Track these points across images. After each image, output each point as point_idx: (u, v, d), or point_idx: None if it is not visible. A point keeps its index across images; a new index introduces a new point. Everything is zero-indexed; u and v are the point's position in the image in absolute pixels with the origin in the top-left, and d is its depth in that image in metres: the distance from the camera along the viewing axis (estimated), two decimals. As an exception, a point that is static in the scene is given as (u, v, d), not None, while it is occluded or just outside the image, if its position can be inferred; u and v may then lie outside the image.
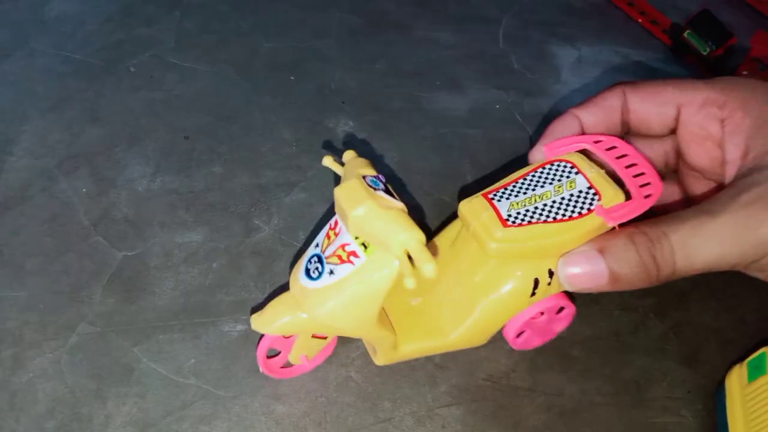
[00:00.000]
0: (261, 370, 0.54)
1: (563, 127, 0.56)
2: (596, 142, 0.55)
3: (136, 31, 0.84)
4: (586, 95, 0.60)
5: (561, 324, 0.61)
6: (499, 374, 0.58)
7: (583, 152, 0.56)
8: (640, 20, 0.96)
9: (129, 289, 0.59)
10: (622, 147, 0.54)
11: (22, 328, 0.56)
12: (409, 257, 0.44)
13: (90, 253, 0.61)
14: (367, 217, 0.44)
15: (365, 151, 0.73)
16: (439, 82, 0.83)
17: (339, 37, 0.88)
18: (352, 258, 0.46)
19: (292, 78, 0.81)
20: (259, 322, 0.51)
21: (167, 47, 0.82)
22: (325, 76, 0.82)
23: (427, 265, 0.42)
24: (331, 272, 0.47)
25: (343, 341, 0.58)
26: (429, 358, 0.58)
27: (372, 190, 0.46)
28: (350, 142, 0.74)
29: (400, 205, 0.46)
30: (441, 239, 0.60)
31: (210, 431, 0.51)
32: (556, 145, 0.56)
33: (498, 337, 0.60)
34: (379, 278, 0.46)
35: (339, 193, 0.46)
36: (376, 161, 0.71)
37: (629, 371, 0.59)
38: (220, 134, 0.73)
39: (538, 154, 0.56)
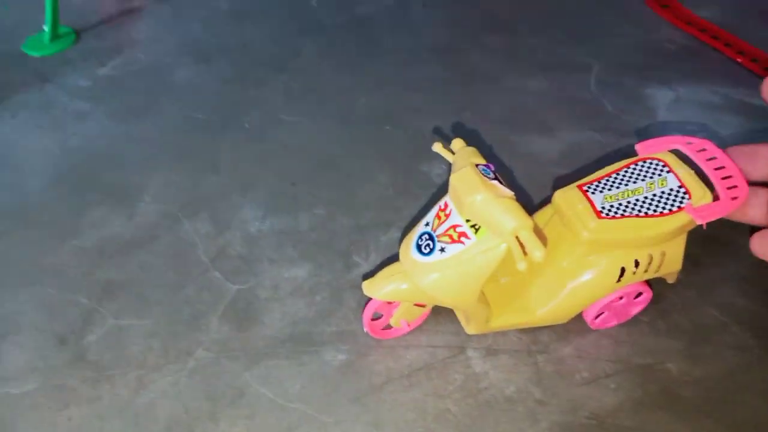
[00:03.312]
0: (365, 329, 0.60)
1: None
2: (688, 143, 0.58)
3: (248, 92, 0.93)
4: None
5: (637, 308, 0.62)
6: (603, 413, 0.56)
7: (675, 152, 0.58)
8: (739, 60, 0.94)
9: (241, 319, 0.63)
10: (712, 150, 0.57)
11: (145, 352, 0.61)
12: (520, 243, 0.47)
13: (207, 286, 0.67)
14: (483, 204, 0.48)
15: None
16: (529, 127, 0.85)
17: (431, 90, 0.92)
18: (462, 239, 0.51)
19: (388, 128, 0.86)
20: (370, 287, 0.56)
21: (276, 105, 0.90)
22: (418, 125, 0.86)
23: (536, 251, 0.46)
24: (443, 250, 0.51)
25: (439, 370, 0.58)
26: (529, 393, 0.57)
27: (485, 178, 0.49)
28: (445, 185, 0.77)
29: (510, 193, 0.50)
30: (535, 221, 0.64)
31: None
32: (649, 144, 0.59)
33: (601, 376, 0.59)
34: (486, 259, 0.50)
35: (455, 179, 0.50)
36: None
37: (743, 413, 0.55)
38: (323, 180, 0.79)
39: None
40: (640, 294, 0.60)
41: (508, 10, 1.09)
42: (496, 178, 0.50)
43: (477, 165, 0.51)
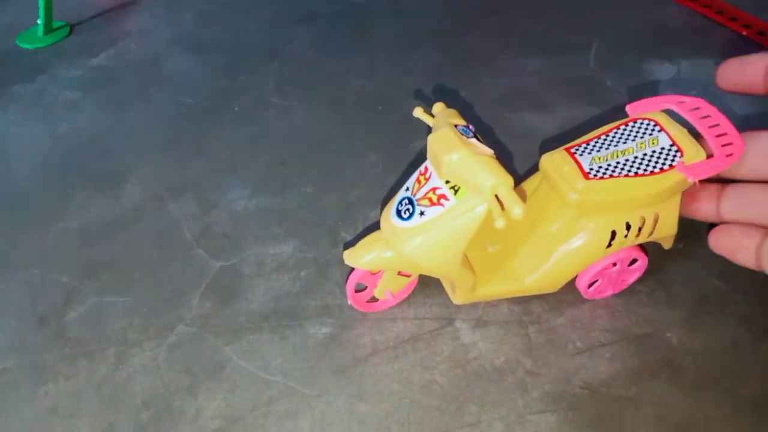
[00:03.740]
0: (349, 302, 0.58)
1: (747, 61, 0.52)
2: (680, 102, 0.55)
3: (239, 78, 0.92)
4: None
5: (633, 275, 0.60)
6: (597, 383, 0.53)
7: (667, 112, 0.56)
8: (744, 33, 0.92)
9: (224, 295, 0.62)
10: (706, 108, 0.54)
11: (126, 329, 0.60)
12: (498, 200, 0.46)
13: (191, 264, 0.65)
14: (460, 162, 0.46)
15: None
16: (525, 105, 0.83)
17: (425, 73, 0.91)
18: (442, 201, 0.49)
19: (381, 108, 0.84)
20: (351, 256, 0.54)
21: (267, 90, 0.89)
22: (410, 106, 0.84)
23: (516, 208, 0.44)
24: (422, 213, 0.50)
25: (426, 341, 0.56)
26: (519, 363, 0.55)
27: (463, 137, 0.48)
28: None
29: (489, 151, 0.48)
30: (520, 192, 0.60)
31: (294, 427, 0.51)
32: (640, 105, 0.57)
33: (596, 345, 0.56)
34: (466, 219, 0.48)
35: (433, 140, 0.48)
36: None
37: (748, 386, 0.52)
38: (312, 160, 0.77)
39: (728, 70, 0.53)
40: (635, 261, 0.58)
41: (504, -6, 1.08)
42: (475, 137, 0.49)
43: (456, 126, 0.49)
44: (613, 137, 0.54)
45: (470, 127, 0.50)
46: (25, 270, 0.65)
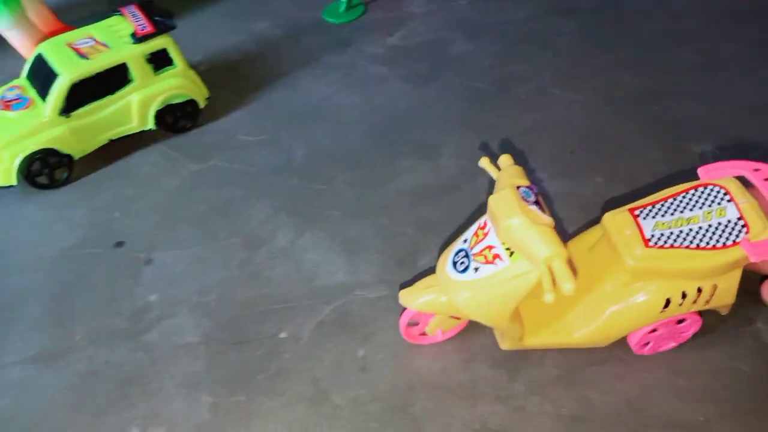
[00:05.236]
0: (401, 334, 0.65)
1: None
2: (756, 170, 0.54)
3: (518, 67, 1.04)
4: None
5: (689, 330, 0.61)
6: None
7: (740, 179, 0.55)
8: None
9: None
10: None
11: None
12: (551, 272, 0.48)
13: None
14: (518, 229, 0.49)
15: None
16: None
17: (685, 73, 0.98)
18: (496, 260, 0.52)
19: (656, 108, 0.93)
20: (406, 297, 0.60)
21: (546, 80, 1.01)
22: (678, 107, 0.93)
23: (567, 284, 0.46)
24: (476, 269, 0.53)
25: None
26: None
27: (524, 202, 0.50)
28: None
29: (548, 220, 0.50)
30: (580, 242, 0.63)
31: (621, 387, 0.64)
32: (712, 168, 0.56)
33: None
34: (517, 284, 0.51)
35: (493, 201, 0.51)
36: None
37: None
38: (596, 151, 0.88)
39: None
40: (682, 320, 0.58)
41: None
42: (537, 202, 0.50)
43: (519, 187, 0.51)
44: (681, 202, 0.54)
45: (533, 188, 0.52)
46: (376, 220, 0.83)
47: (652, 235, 0.52)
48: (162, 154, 0.93)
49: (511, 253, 0.50)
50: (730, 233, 0.50)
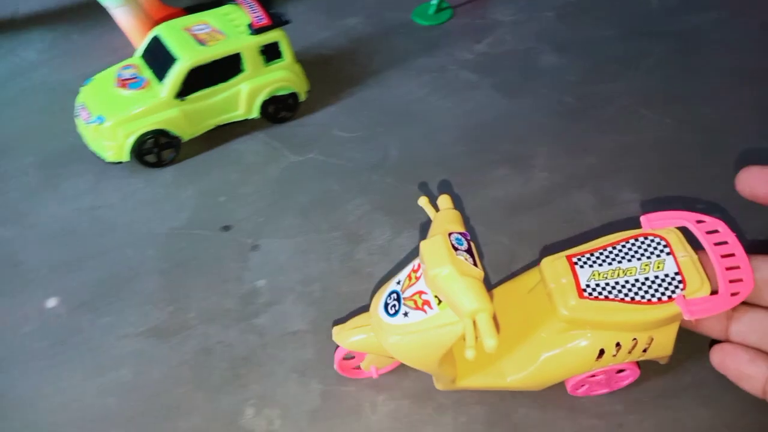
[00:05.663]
0: (335, 368, 0.64)
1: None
2: (699, 221, 0.52)
3: (607, 85, 1.06)
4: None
5: (626, 380, 0.61)
6: None
7: (682, 229, 0.53)
8: None
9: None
10: (725, 234, 0.50)
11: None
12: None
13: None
14: (445, 279, 0.47)
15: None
16: None
17: (762, 110, 0.99)
18: (425, 307, 0.50)
19: (736, 140, 0.96)
20: (339, 336, 0.58)
21: (634, 101, 1.03)
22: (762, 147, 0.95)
23: (489, 340, 0.43)
24: (406, 314, 0.51)
25: None
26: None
27: (455, 250, 0.48)
28: None
29: (477, 271, 0.48)
30: (521, 282, 0.62)
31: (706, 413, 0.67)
32: (655, 217, 0.54)
33: None
34: (444, 333, 0.49)
35: (424, 247, 0.49)
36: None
37: None
38: (685, 176, 0.91)
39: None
40: (622, 370, 0.58)
41: None
42: (468, 250, 0.50)
43: (451, 233, 0.50)
44: (620, 251, 0.53)
45: (466, 235, 0.51)
46: (472, 226, 0.86)
47: (587, 285, 0.50)
48: (263, 142, 0.96)
49: (440, 301, 0.50)
50: (666, 288, 0.48)
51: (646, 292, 0.49)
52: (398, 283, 0.54)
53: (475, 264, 0.49)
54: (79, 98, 0.89)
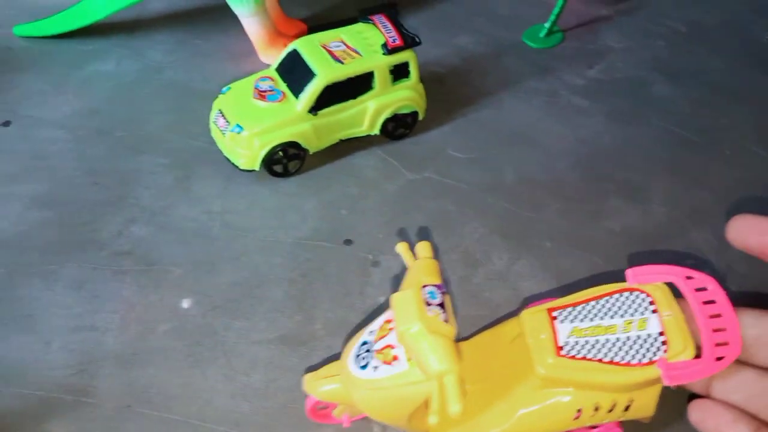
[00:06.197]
0: (307, 414, 0.61)
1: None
2: (688, 278, 0.48)
3: (718, 118, 1.05)
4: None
5: None
6: None
7: (670, 284, 0.49)
8: None
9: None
10: (714, 292, 0.46)
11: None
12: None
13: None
14: (413, 337, 0.46)
15: None
16: None
17: None
18: (394, 362, 0.48)
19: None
20: (309, 385, 0.57)
21: (747, 136, 1.02)
22: None
23: (454, 405, 0.42)
24: (375, 368, 0.49)
25: None
26: None
27: (426, 305, 0.47)
28: None
29: (448, 329, 0.47)
30: (504, 330, 0.59)
31: None
32: (641, 271, 0.50)
33: None
34: (412, 391, 0.48)
35: (395, 301, 0.48)
36: None
37: None
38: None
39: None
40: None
41: None
42: (442, 305, 0.48)
43: (426, 286, 0.49)
44: (603, 306, 0.50)
45: (441, 288, 0.50)
46: (589, 257, 0.86)
47: (566, 342, 0.48)
48: (380, 158, 0.98)
49: (410, 357, 0.49)
50: (648, 350, 0.46)
51: (627, 353, 0.47)
52: (371, 333, 0.53)
53: (447, 320, 0.48)
54: (216, 105, 0.93)
